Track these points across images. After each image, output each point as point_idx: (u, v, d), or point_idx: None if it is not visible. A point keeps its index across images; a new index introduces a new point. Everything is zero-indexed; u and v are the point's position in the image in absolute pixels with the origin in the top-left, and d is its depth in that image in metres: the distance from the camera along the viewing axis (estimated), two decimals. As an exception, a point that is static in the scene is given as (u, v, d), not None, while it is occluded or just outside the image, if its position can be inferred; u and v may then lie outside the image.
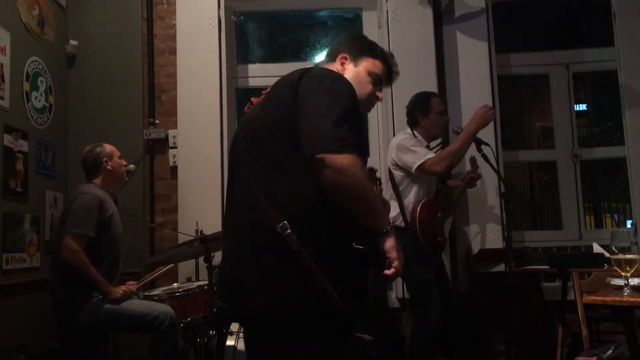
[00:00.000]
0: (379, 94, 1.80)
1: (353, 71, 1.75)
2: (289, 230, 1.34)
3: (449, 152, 3.11)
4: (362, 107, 1.72)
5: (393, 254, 1.45)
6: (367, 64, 1.77)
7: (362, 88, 1.73)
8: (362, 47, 1.79)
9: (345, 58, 1.76)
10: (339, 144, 1.35)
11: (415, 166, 3.12)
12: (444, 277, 3.31)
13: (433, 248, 3.17)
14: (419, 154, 3.13)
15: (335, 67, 1.76)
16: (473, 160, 3.56)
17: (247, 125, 1.59)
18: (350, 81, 1.58)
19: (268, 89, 1.63)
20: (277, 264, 1.37)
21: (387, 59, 1.81)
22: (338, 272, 1.38)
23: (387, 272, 1.46)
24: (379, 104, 4.21)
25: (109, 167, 3.13)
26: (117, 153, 3.22)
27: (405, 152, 3.18)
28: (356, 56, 1.77)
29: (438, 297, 3.08)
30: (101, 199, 2.99)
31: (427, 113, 3.31)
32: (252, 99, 1.71)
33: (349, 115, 1.43)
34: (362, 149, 1.45)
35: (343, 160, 1.34)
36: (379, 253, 1.44)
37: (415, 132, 3.33)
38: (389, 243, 1.44)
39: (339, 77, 1.56)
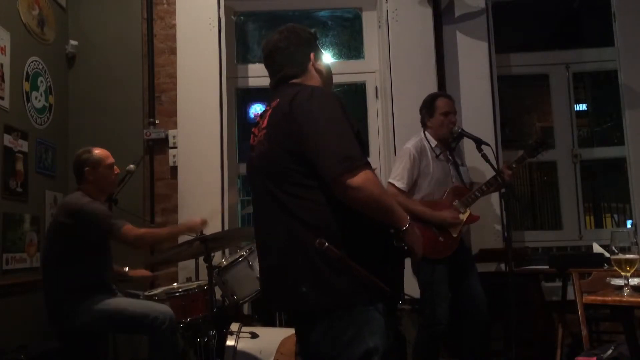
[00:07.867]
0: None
1: (323, 67, 1.88)
2: (326, 244, 1.58)
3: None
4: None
5: (413, 248, 1.70)
6: (323, 59, 1.91)
7: (331, 78, 1.94)
8: (314, 44, 1.91)
9: (315, 60, 1.87)
10: (350, 164, 1.56)
11: (388, 180, 3.30)
12: (466, 277, 3.21)
13: (437, 251, 3.12)
14: (397, 175, 3.23)
15: (311, 76, 1.85)
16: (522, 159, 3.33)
17: (263, 161, 1.74)
18: (326, 77, 1.86)
19: (264, 122, 1.76)
20: (323, 269, 1.61)
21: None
22: (374, 263, 1.62)
23: (414, 259, 1.78)
24: (379, 104, 4.22)
25: (90, 177, 2.95)
26: (108, 161, 3.00)
27: (397, 161, 3.36)
28: (316, 52, 1.89)
29: (445, 299, 3.06)
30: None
31: (432, 114, 3.32)
32: (253, 129, 1.85)
33: (346, 129, 1.62)
34: (364, 151, 1.67)
35: (358, 179, 1.56)
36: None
37: (426, 133, 3.36)
38: (408, 238, 1.68)
39: (322, 96, 1.68)
